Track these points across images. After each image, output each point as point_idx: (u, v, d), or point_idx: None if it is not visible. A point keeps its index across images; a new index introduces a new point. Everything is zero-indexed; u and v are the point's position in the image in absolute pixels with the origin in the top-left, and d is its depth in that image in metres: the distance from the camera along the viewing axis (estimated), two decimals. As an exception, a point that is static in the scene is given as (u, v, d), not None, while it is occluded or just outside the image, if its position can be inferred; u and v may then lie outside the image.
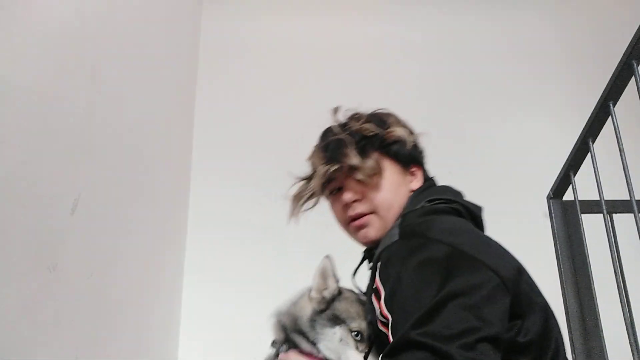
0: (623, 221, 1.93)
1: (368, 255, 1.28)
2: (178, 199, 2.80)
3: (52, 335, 1.26)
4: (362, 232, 1.23)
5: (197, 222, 2.95)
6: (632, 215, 1.62)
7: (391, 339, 0.91)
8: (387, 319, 0.95)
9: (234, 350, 2.62)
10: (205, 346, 2.71)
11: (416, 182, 1.27)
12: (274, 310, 1.27)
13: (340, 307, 1.18)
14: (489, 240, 1.04)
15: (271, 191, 3.08)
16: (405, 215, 1.13)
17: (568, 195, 2.10)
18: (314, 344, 1.15)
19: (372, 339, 1.14)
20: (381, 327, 0.99)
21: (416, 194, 1.23)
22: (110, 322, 1.68)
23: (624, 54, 1.68)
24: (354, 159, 1.19)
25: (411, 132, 1.30)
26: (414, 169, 1.28)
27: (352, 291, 1.25)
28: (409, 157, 1.27)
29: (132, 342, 1.94)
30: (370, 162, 1.20)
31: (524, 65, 3.50)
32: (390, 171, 1.23)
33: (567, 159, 2.04)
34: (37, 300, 1.19)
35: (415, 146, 1.30)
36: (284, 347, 1.18)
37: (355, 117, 1.30)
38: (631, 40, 1.64)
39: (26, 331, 1.14)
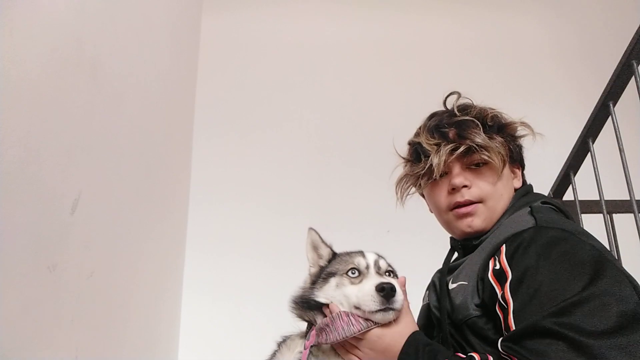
0: (623, 221, 1.93)
1: (460, 245, 1.27)
2: (178, 198, 2.80)
3: (52, 335, 1.26)
4: (467, 220, 1.21)
5: (197, 222, 2.95)
6: (632, 215, 1.62)
7: (512, 325, 0.91)
8: (507, 305, 0.94)
9: (233, 350, 2.62)
10: (205, 346, 2.71)
11: (517, 181, 1.27)
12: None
13: (334, 263, 1.21)
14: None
15: (271, 190, 3.10)
16: (532, 205, 1.13)
17: (568, 195, 2.10)
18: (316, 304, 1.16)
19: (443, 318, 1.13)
20: (498, 311, 0.99)
21: (520, 194, 1.23)
22: (110, 322, 1.68)
23: (624, 54, 1.68)
24: (483, 138, 1.17)
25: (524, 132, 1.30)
26: (515, 168, 1.29)
27: (347, 250, 1.26)
28: (518, 155, 1.29)
29: (132, 342, 1.94)
30: (497, 144, 1.18)
31: (524, 65, 3.50)
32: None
33: (567, 159, 2.05)
34: (37, 300, 1.19)
35: (521, 147, 1.31)
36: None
37: (472, 106, 1.28)
38: (631, 41, 1.64)
39: (26, 331, 1.14)
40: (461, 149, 1.17)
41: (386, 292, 1.05)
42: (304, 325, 1.21)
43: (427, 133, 1.25)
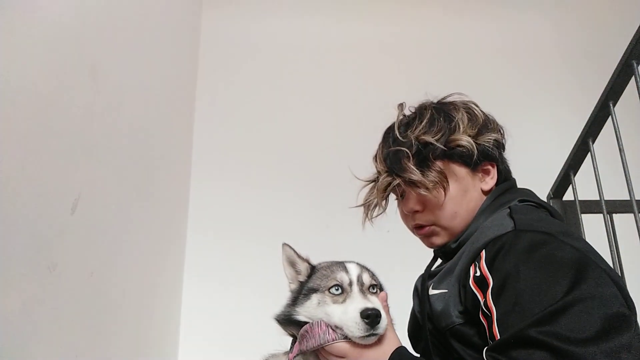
0: (623, 221, 1.93)
1: (441, 252, 1.26)
2: (178, 199, 2.80)
3: (52, 335, 1.26)
4: (428, 240, 1.23)
5: (197, 222, 2.95)
6: (632, 215, 1.62)
7: (497, 334, 0.90)
8: (491, 313, 0.93)
9: (233, 350, 2.62)
10: (205, 346, 2.71)
11: (490, 180, 1.21)
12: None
13: (315, 278, 1.18)
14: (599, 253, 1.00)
15: (270, 190, 3.10)
16: (511, 206, 1.09)
17: (568, 195, 2.10)
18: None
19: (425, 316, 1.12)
20: (481, 319, 0.97)
21: (497, 193, 1.18)
22: (110, 322, 1.68)
23: (624, 54, 1.68)
24: (414, 173, 1.14)
25: (484, 126, 1.22)
26: (487, 167, 1.21)
27: (326, 262, 1.23)
28: (479, 158, 1.19)
29: (132, 342, 1.94)
30: (431, 176, 1.14)
31: (524, 65, 3.50)
32: (457, 177, 1.18)
33: (567, 159, 2.04)
34: (37, 300, 1.19)
35: (488, 142, 1.20)
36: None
37: (419, 117, 1.22)
38: (631, 41, 1.64)
39: (26, 331, 1.14)
40: (392, 185, 1.18)
41: (371, 319, 1.02)
42: (288, 342, 1.19)
43: (379, 158, 1.24)
